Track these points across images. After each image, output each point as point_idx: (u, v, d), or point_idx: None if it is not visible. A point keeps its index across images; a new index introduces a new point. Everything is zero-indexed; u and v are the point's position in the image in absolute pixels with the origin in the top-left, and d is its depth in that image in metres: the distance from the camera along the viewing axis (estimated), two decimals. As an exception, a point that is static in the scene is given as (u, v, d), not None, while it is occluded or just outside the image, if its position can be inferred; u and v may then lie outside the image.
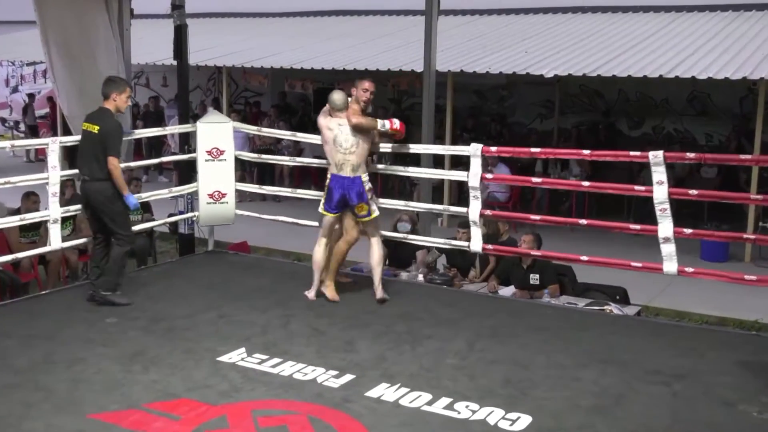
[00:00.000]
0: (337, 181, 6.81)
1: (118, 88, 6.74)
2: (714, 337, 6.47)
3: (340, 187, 6.79)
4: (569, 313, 6.94)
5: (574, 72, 11.75)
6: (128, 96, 6.81)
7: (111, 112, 6.70)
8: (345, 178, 6.78)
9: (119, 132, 6.72)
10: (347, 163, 6.78)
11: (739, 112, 14.43)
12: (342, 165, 6.79)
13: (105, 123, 6.62)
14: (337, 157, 6.80)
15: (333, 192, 6.82)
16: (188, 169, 8.67)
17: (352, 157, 6.78)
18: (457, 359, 5.63)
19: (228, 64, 15.21)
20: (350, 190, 6.77)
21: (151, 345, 5.76)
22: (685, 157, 6.84)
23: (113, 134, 6.62)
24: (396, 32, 15.89)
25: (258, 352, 5.63)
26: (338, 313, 6.60)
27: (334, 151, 6.81)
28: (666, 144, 14.48)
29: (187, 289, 7.23)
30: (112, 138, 6.60)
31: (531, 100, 16.24)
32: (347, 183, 6.78)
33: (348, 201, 6.80)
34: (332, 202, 6.83)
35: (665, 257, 6.44)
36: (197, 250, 9.00)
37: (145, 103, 18.70)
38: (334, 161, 6.83)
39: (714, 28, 13.70)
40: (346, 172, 6.78)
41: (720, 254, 10.67)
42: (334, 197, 6.82)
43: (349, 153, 6.78)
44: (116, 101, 6.71)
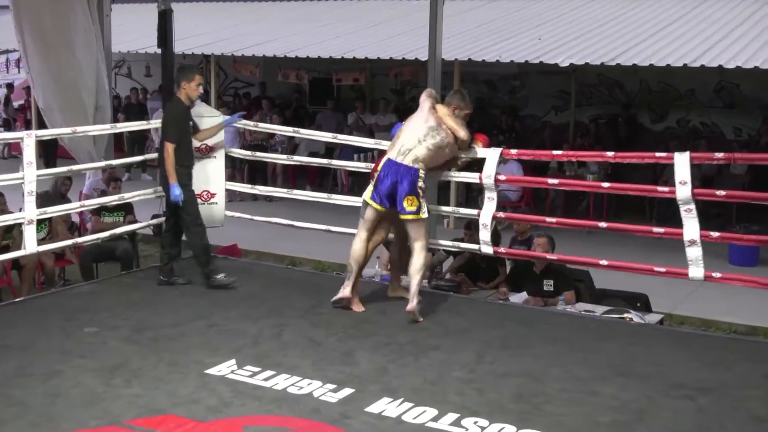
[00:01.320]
0: (391, 166, 6.61)
1: (186, 76, 7.33)
2: (743, 348, 6.47)
3: (393, 173, 6.58)
4: (586, 322, 6.95)
5: (591, 61, 11.77)
6: (198, 83, 7.33)
7: (179, 99, 7.33)
8: (401, 165, 6.58)
9: (175, 117, 7.27)
10: (413, 152, 6.60)
11: (770, 104, 14.46)
12: (408, 151, 6.60)
13: (166, 110, 7.43)
14: (409, 142, 6.62)
15: (384, 178, 6.59)
16: (174, 166, 8.66)
17: (422, 150, 6.64)
18: (465, 372, 5.63)
19: (217, 53, 15.26)
20: (404, 178, 6.57)
21: (134, 356, 5.76)
22: (713, 158, 6.84)
23: (168, 119, 7.31)
24: (398, 18, 15.92)
25: (249, 364, 5.63)
26: (336, 322, 6.61)
27: (411, 135, 6.64)
28: (691, 139, 14.48)
29: (172, 296, 7.24)
30: (166, 123, 7.33)
31: (545, 91, 16.25)
32: (402, 170, 6.58)
33: (397, 192, 6.58)
34: (381, 190, 6.61)
35: (691, 261, 6.44)
36: (183, 254, 8.99)
37: (126, 95, 18.72)
38: (401, 144, 6.64)
39: (743, 13, 13.70)
40: (407, 160, 6.59)
41: (750, 258, 10.68)
42: (384, 184, 6.59)
43: (424, 146, 6.64)
44: (185, 89, 7.30)
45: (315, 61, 14.14)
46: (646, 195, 9.91)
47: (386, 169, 6.62)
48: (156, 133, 14.78)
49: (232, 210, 8.61)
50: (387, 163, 6.63)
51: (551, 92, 16.24)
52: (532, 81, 16.22)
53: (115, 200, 8.40)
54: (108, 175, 9.52)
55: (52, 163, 14.42)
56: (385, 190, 6.61)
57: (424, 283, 7.94)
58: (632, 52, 12.00)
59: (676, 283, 7.11)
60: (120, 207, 9.15)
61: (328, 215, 8.55)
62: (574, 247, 8.16)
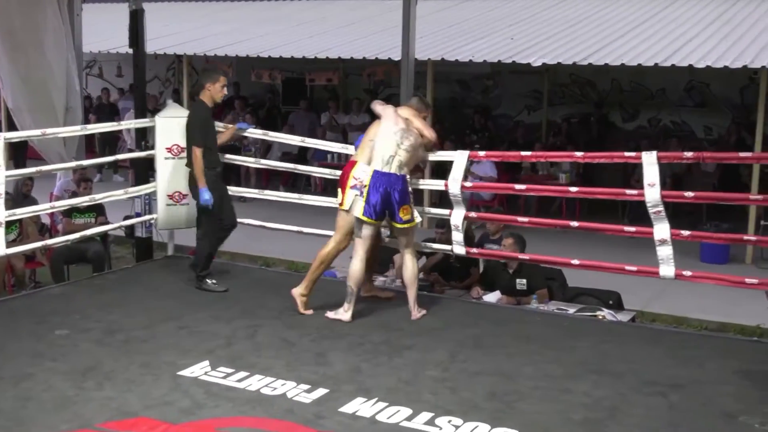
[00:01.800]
0: (379, 177, 6.56)
1: (210, 78, 7.34)
2: (714, 345, 6.54)
3: (383, 183, 6.54)
4: (559, 320, 6.99)
5: (563, 60, 11.82)
6: (223, 85, 7.33)
7: (203, 102, 7.29)
8: (390, 175, 6.57)
9: (198, 121, 7.25)
10: (396, 158, 6.59)
11: (740, 104, 14.59)
12: (391, 158, 6.58)
13: (190, 113, 7.38)
14: (390, 150, 6.59)
15: (375, 191, 6.54)
16: (146, 167, 8.64)
17: (403, 154, 6.63)
18: (439, 371, 5.65)
19: (189, 53, 15.18)
20: (395, 188, 6.56)
21: (106, 359, 5.73)
22: (682, 157, 6.91)
23: (192, 124, 7.28)
24: (371, 17, 15.92)
25: (222, 366, 5.62)
26: (310, 323, 6.60)
27: (389, 143, 6.61)
28: (662, 137, 14.59)
29: (144, 298, 7.21)
30: (190, 127, 7.28)
31: (517, 90, 16.33)
32: (393, 180, 6.57)
33: (391, 203, 6.57)
34: (374, 203, 6.54)
35: (662, 260, 6.49)
36: (156, 256, 8.96)
37: (98, 95, 18.59)
38: (382, 154, 6.60)
39: (712, 13, 13.82)
40: (393, 168, 6.58)
41: (720, 256, 10.77)
42: (375, 197, 6.53)
43: (404, 150, 6.63)
44: (210, 91, 7.29)
45: (288, 61, 14.11)
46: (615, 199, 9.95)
47: (375, 182, 6.56)
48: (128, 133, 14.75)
49: (204, 211, 8.56)
50: (375, 175, 6.56)
51: (524, 92, 16.31)
52: (504, 80, 16.28)
53: (86, 201, 8.34)
54: (78, 176, 9.45)
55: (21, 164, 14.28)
56: (379, 202, 6.55)
57: (397, 282, 7.96)
58: (604, 51, 12.07)
59: (647, 281, 7.16)
60: (91, 208, 9.08)
61: (301, 215, 8.54)
62: (546, 246, 8.20)
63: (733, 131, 13.93)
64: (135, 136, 9.69)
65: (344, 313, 6.65)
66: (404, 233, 6.78)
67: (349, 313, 6.64)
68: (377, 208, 6.57)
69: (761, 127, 11.16)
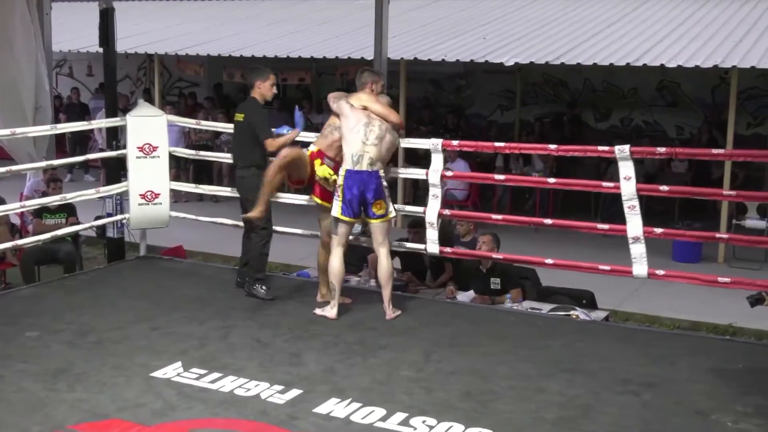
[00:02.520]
0: (352, 176, 6.60)
1: (260, 75, 7.29)
2: (686, 343, 6.58)
3: (356, 183, 6.58)
4: (533, 320, 7.01)
5: (536, 60, 11.87)
6: (272, 83, 7.29)
7: (256, 99, 7.27)
8: (362, 173, 6.59)
9: (264, 114, 7.25)
10: (365, 155, 6.60)
11: (711, 103, 14.71)
12: (360, 157, 6.59)
13: (248, 110, 7.28)
14: (356, 147, 6.60)
15: (348, 190, 6.59)
16: (117, 167, 8.58)
17: (372, 149, 6.63)
18: (413, 371, 5.65)
19: (160, 52, 15.09)
20: (368, 186, 6.59)
21: (77, 360, 5.69)
22: (655, 152, 6.97)
23: (258, 118, 7.21)
24: (344, 17, 15.90)
25: (195, 367, 5.59)
26: (283, 323, 6.59)
27: (354, 140, 6.62)
28: (635, 137, 14.65)
29: (116, 299, 7.16)
30: (258, 123, 7.18)
31: (490, 90, 16.37)
32: (365, 177, 6.60)
33: (366, 200, 6.61)
34: (349, 202, 6.60)
35: (635, 259, 6.53)
36: (128, 256, 8.90)
37: (68, 94, 18.44)
38: (350, 152, 6.62)
39: (683, 13, 13.93)
40: (363, 165, 6.60)
41: (693, 255, 10.85)
42: (350, 196, 6.59)
43: (371, 145, 6.62)
44: (260, 89, 7.26)
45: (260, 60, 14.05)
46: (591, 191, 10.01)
47: (349, 181, 6.59)
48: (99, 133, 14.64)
49: (177, 211, 8.52)
50: (347, 175, 6.60)
51: (497, 91, 16.35)
52: (477, 80, 16.32)
53: (57, 201, 8.27)
54: (48, 176, 9.36)
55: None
56: (354, 201, 6.60)
57: (372, 282, 7.96)
58: (576, 51, 12.13)
59: (621, 280, 7.20)
60: (62, 208, 9.01)
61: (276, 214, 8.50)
62: (520, 245, 8.23)
63: (705, 130, 14.03)
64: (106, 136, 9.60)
65: (330, 309, 6.70)
66: (378, 229, 6.78)
67: (334, 310, 6.67)
68: (353, 207, 6.61)
69: (732, 126, 11.28)
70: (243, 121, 7.29)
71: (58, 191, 8.88)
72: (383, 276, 6.77)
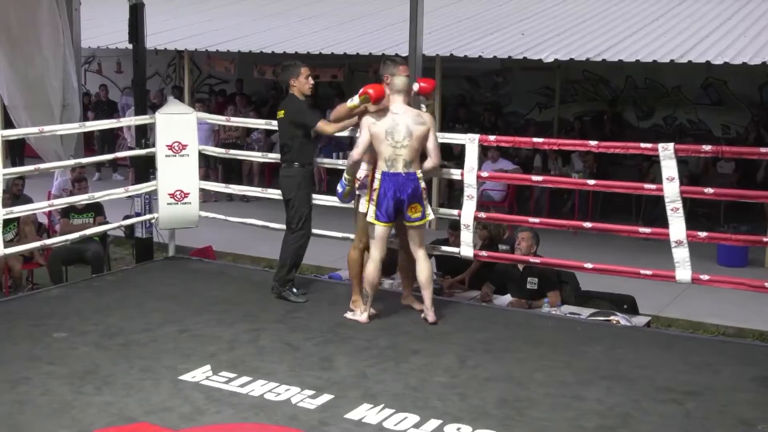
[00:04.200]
0: (389, 179, 6.57)
1: (292, 73, 7.26)
2: (731, 351, 6.52)
3: (392, 185, 6.55)
4: (571, 325, 6.98)
5: (576, 56, 11.82)
6: (307, 75, 7.23)
7: (295, 96, 7.24)
8: (398, 175, 6.56)
9: (303, 107, 7.22)
10: (399, 158, 6.57)
11: (759, 101, 14.56)
12: (394, 161, 6.56)
13: (289, 106, 7.26)
14: (387, 151, 6.57)
15: (384, 194, 6.55)
16: (146, 165, 8.64)
17: (404, 151, 6.58)
18: (447, 377, 5.65)
19: (190, 48, 15.19)
20: (404, 188, 6.56)
21: (105, 363, 5.74)
22: (700, 150, 6.90)
23: (302, 111, 7.21)
24: (377, 12, 15.93)
25: (224, 370, 5.62)
26: (314, 326, 6.60)
27: (384, 144, 6.57)
28: (678, 136, 14.56)
29: (144, 300, 7.22)
30: (302, 114, 7.20)
31: (528, 87, 16.30)
32: (401, 180, 6.58)
33: (402, 203, 6.58)
34: (385, 206, 6.57)
35: (678, 263, 6.48)
36: (156, 257, 8.97)
37: (96, 91, 18.62)
38: (383, 157, 6.58)
39: (729, 9, 13.79)
40: (398, 167, 6.57)
41: (738, 259, 10.74)
42: (386, 200, 6.55)
43: (402, 147, 6.57)
44: (296, 86, 7.23)
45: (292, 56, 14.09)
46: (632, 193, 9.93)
47: (385, 185, 6.56)
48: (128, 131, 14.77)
49: (206, 211, 8.58)
50: (383, 177, 6.57)
51: (535, 89, 16.29)
52: (515, 77, 16.26)
53: (84, 200, 8.35)
54: (74, 175, 9.46)
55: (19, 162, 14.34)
56: (390, 205, 6.56)
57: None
58: (618, 47, 12.06)
59: (663, 284, 7.15)
60: (89, 208, 9.10)
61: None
62: (558, 249, 8.19)
63: (752, 129, 13.91)
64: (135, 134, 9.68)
65: (360, 314, 6.73)
66: (415, 233, 6.77)
67: (365, 315, 6.69)
68: (389, 211, 6.58)
69: (780, 126, 11.17)
70: (283, 118, 7.29)
71: (84, 191, 8.96)
72: (423, 279, 6.74)
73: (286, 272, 7.22)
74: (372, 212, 6.64)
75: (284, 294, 7.16)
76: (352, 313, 6.82)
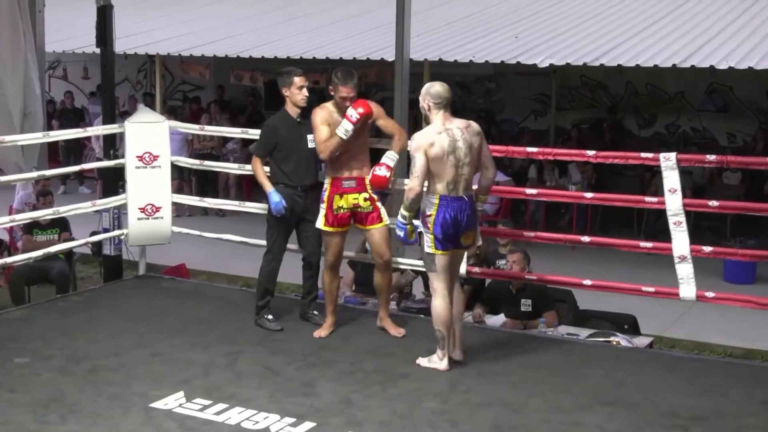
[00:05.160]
0: (450, 204, 6.03)
1: (284, 81, 6.99)
2: (739, 373, 6.53)
3: (453, 210, 6.04)
4: (569, 346, 6.99)
5: (572, 61, 11.87)
6: (300, 86, 6.94)
7: (283, 109, 7.06)
8: (460, 200, 6.07)
9: (263, 130, 7.13)
10: (461, 179, 6.06)
11: (767, 108, 14.64)
12: (456, 183, 6.04)
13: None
14: (450, 172, 6.02)
15: (446, 219, 6.03)
16: (115, 178, 8.63)
17: (466, 171, 6.09)
18: (437, 402, 5.64)
19: (162, 52, 15.20)
20: (464, 213, 6.07)
21: (70, 389, 5.71)
22: (705, 160, 6.93)
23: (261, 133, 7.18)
24: (362, 14, 15.97)
25: (199, 397, 5.60)
26: (295, 349, 6.59)
27: (446, 165, 6.01)
28: (681, 145, 14.65)
29: (113, 322, 7.19)
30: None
31: (523, 94, 16.37)
32: (463, 206, 6.08)
33: (460, 229, 6.09)
34: (447, 234, 6.05)
35: (682, 280, 6.51)
36: (125, 275, 8.94)
37: (61, 99, 18.61)
38: (445, 179, 6.02)
39: (735, 10, 13.88)
40: (460, 191, 6.07)
41: (746, 275, 10.79)
42: (447, 227, 6.04)
43: (464, 165, 6.06)
44: (288, 96, 6.98)
45: (271, 61, 14.12)
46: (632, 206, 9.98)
47: (445, 211, 6.03)
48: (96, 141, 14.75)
49: (179, 226, 8.56)
50: (442, 203, 6.02)
51: (530, 95, 16.35)
52: (508, 83, 16.32)
53: (49, 215, 8.32)
54: (38, 189, 9.42)
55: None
56: (450, 231, 6.07)
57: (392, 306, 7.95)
58: (617, 51, 12.12)
59: (666, 302, 7.17)
60: (54, 223, 9.07)
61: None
62: (555, 265, 8.23)
63: (760, 138, 13.99)
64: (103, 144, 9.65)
65: (439, 361, 6.15)
66: (460, 259, 6.50)
67: (445, 361, 6.14)
68: (448, 236, 6.09)
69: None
70: None
71: (49, 206, 8.92)
72: (459, 310, 6.41)
73: (259, 298, 7.16)
74: (430, 241, 6.10)
75: (259, 322, 7.09)
76: (428, 360, 6.24)
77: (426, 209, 6.12)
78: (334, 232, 6.83)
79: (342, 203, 6.77)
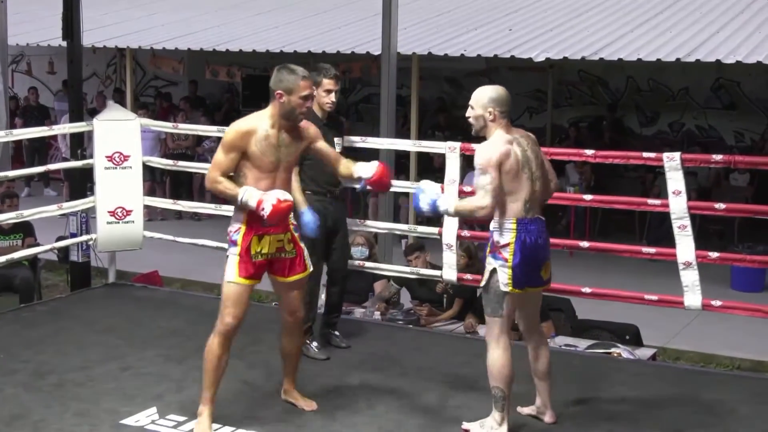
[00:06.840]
0: (528, 228, 5.26)
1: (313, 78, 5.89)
2: (747, 386, 6.56)
3: (534, 236, 5.27)
4: (567, 358, 6.99)
5: (570, 55, 11.90)
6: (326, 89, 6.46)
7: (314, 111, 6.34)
8: (537, 222, 5.32)
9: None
10: (536, 196, 5.34)
11: (776, 105, 14.72)
12: (533, 201, 5.30)
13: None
14: (526, 188, 5.26)
15: (526, 248, 5.23)
16: (82, 179, 8.61)
17: (539, 186, 5.34)
18: (427, 419, 5.65)
19: (133, 46, 15.18)
20: (544, 238, 5.35)
21: (35, 406, 5.69)
22: (710, 161, 6.96)
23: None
24: (346, 5, 15.99)
25: (173, 413, 5.60)
26: (275, 363, 6.56)
27: (522, 180, 5.26)
28: (686, 144, 14.70)
29: (81, 334, 7.17)
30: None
31: (517, 90, 16.34)
32: (540, 229, 5.33)
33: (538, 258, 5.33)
34: (529, 265, 5.25)
35: (686, 287, 6.52)
36: (94, 283, 8.93)
37: (25, 95, 18.56)
38: (522, 197, 5.25)
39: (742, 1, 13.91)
40: (536, 210, 5.35)
41: (755, 283, 10.83)
42: (530, 257, 5.25)
43: (537, 179, 5.33)
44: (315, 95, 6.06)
45: (249, 55, 14.14)
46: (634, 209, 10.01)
47: (523, 236, 5.24)
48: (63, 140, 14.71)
49: (151, 230, 8.56)
50: (520, 228, 5.22)
51: (525, 91, 16.38)
52: (502, 78, 16.28)
53: (12, 219, 8.30)
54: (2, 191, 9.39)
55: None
56: (533, 263, 5.31)
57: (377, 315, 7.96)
58: (618, 44, 12.15)
59: (670, 312, 7.19)
60: (17, 228, 9.04)
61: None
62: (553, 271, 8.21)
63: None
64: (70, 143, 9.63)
65: (497, 425, 5.35)
66: (538, 298, 5.66)
67: (504, 427, 5.34)
68: (530, 269, 5.31)
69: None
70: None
71: (14, 208, 8.90)
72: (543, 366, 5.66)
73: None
74: (507, 277, 5.23)
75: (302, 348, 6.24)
76: (479, 425, 5.44)
77: (500, 239, 5.25)
78: (248, 286, 5.49)
79: (262, 247, 5.46)
